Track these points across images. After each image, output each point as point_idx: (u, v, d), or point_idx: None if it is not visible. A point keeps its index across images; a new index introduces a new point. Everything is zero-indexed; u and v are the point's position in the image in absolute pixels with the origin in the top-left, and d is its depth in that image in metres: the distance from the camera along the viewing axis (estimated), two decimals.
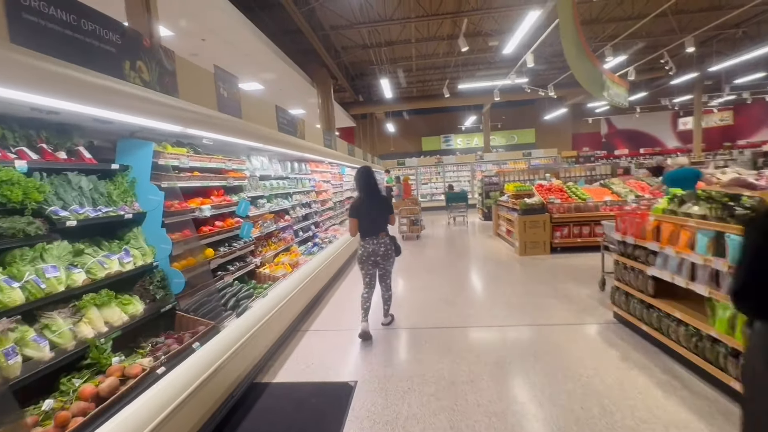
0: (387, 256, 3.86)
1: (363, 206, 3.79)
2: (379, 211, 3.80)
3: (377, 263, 3.88)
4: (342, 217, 8.85)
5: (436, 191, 17.61)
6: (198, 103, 2.67)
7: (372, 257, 3.83)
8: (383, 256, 3.84)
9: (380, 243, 3.81)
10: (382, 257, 3.84)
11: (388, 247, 3.85)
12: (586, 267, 5.92)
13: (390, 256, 3.90)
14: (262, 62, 8.97)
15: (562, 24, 6.63)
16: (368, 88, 18.31)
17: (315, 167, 7.01)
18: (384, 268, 3.95)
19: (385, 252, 3.83)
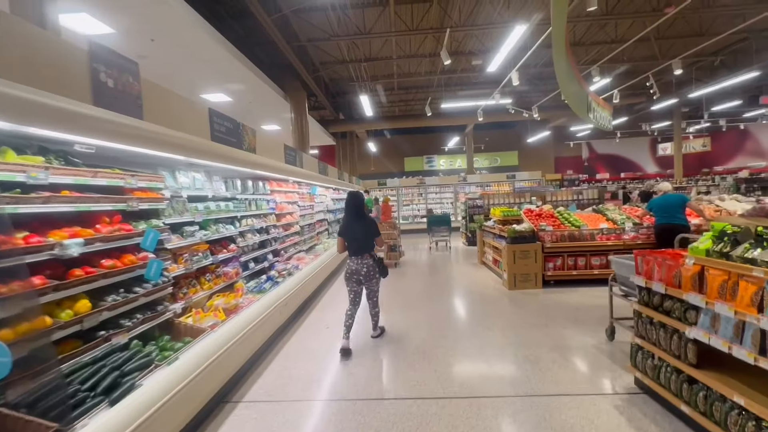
0: (369, 277, 4.08)
1: (348, 228, 4.12)
2: (364, 233, 4.08)
3: (360, 281, 4.13)
4: (311, 243, 7.90)
5: (418, 213, 16.88)
6: (52, 90, 1.78)
7: (355, 275, 4.10)
8: (365, 276, 4.07)
9: (363, 263, 4.05)
10: (365, 277, 4.08)
11: (370, 268, 4.07)
12: (585, 306, 5.14)
13: (372, 276, 4.11)
14: (227, 71, 8.16)
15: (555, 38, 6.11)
16: (349, 105, 17.73)
17: (277, 186, 6.12)
18: (368, 288, 4.21)
19: (367, 272, 4.06)
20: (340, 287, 7.07)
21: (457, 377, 3.29)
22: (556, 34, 6.05)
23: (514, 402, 2.88)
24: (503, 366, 3.47)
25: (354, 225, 4.09)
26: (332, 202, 10.46)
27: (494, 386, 3.12)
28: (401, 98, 17.94)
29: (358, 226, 4.08)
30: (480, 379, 3.25)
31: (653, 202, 6.04)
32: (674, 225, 5.75)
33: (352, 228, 4.09)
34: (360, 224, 4.09)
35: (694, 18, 11.55)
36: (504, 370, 3.40)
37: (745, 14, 11.25)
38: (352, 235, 4.08)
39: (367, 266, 4.04)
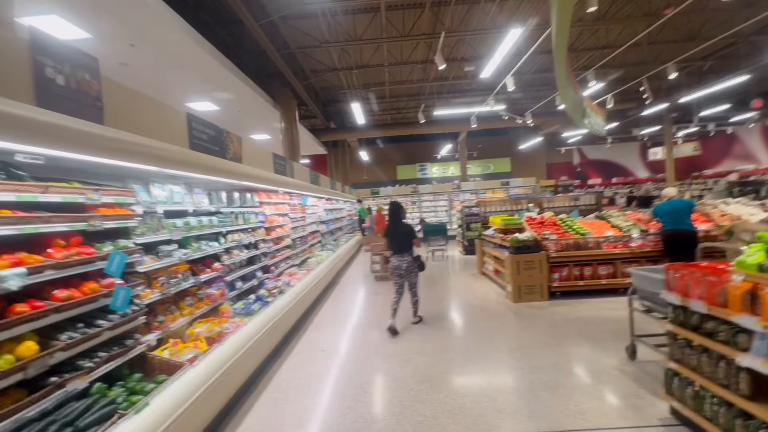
0: (409, 271, 4.92)
1: (390, 231, 5.03)
2: (403, 236, 4.97)
3: (402, 275, 4.93)
4: (303, 256, 7.51)
5: (413, 222, 16.57)
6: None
7: (397, 270, 4.92)
8: (406, 270, 4.90)
9: (403, 260, 4.89)
10: (405, 271, 4.90)
11: (410, 264, 4.91)
12: (597, 319, 4.83)
13: (412, 271, 4.94)
14: (214, 79, 7.82)
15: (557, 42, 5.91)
16: (340, 114, 17.48)
17: (267, 198, 5.76)
18: (409, 280, 4.99)
19: (407, 267, 4.89)
20: (335, 302, 6.68)
21: (470, 411, 2.93)
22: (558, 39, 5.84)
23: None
24: (520, 395, 3.12)
25: (395, 229, 5.00)
26: (325, 212, 10.10)
27: (512, 420, 2.77)
28: (393, 106, 17.77)
29: (398, 230, 4.99)
30: (495, 412, 2.90)
31: (659, 208, 5.82)
32: (682, 231, 5.52)
33: (394, 231, 4.99)
34: (400, 228, 4.99)
35: (684, 23, 11.58)
36: (521, 400, 3.05)
37: (733, 19, 11.35)
38: (394, 237, 4.97)
39: (407, 263, 4.88)
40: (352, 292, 7.62)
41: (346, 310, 6.21)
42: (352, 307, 6.41)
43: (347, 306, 6.52)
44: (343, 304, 6.68)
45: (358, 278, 8.97)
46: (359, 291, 7.63)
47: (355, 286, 8.08)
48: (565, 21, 5.55)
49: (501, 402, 3.02)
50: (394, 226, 5.03)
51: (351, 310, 6.25)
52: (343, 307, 6.47)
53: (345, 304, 6.68)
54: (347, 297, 7.19)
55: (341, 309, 6.32)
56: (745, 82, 13.83)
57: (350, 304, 6.62)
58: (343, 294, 7.42)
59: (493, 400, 3.06)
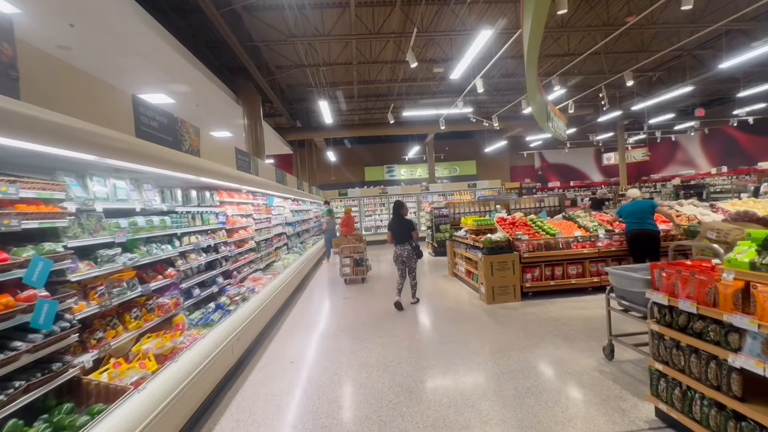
0: (409, 258, 5.85)
1: (393, 224, 5.98)
2: (404, 229, 5.89)
3: (404, 262, 5.87)
4: (269, 260, 7.08)
5: (381, 224, 16.39)
6: None
7: (399, 257, 5.88)
8: (407, 258, 5.84)
9: (404, 249, 5.84)
10: (406, 258, 5.84)
11: (410, 253, 5.84)
12: (570, 319, 4.84)
13: (411, 258, 5.86)
14: (169, 68, 7.21)
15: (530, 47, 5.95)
16: (307, 113, 17.01)
17: (228, 197, 5.32)
18: (409, 266, 5.90)
19: (407, 255, 5.83)
20: (303, 308, 6.32)
21: (454, 423, 2.74)
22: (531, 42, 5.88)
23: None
24: (505, 403, 2.98)
25: (397, 223, 5.96)
26: (291, 213, 9.66)
27: (500, 431, 2.60)
28: (361, 106, 17.54)
29: (400, 224, 5.93)
30: (481, 423, 2.72)
31: (623, 209, 5.98)
32: (645, 231, 5.69)
33: (396, 225, 5.95)
34: (401, 223, 5.94)
35: (637, 35, 12.28)
36: (507, 409, 2.90)
37: (680, 33, 12.18)
38: (396, 229, 5.92)
39: (407, 251, 5.85)
40: (321, 297, 7.27)
41: (315, 317, 5.87)
42: (321, 314, 6.08)
43: (316, 312, 6.18)
44: (312, 310, 6.33)
45: (327, 282, 8.63)
46: (328, 296, 7.30)
47: (324, 291, 7.73)
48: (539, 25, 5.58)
49: (486, 412, 2.85)
50: (397, 221, 5.97)
51: (320, 316, 5.92)
52: (312, 313, 6.12)
53: (314, 310, 6.33)
54: (316, 302, 6.84)
55: (310, 315, 5.97)
56: (689, 93, 14.94)
57: (319, 310, 6.29)
58: (311, 299, 7.06)
59: (478, 410, 2.88)
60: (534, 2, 5.11)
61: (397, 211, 6.03)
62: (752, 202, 7.12)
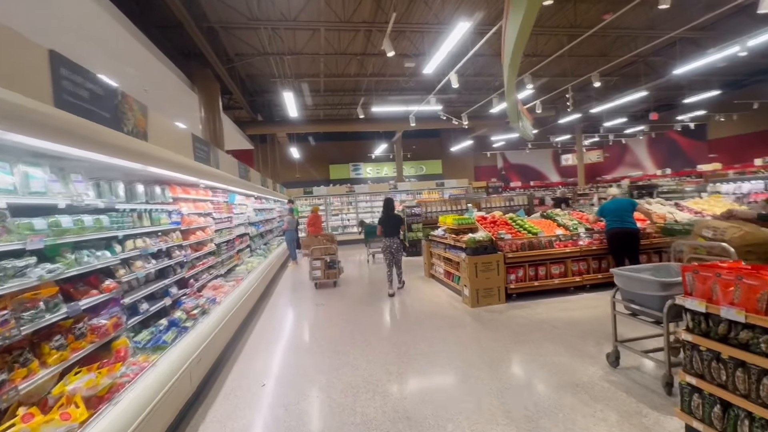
0: (397, 250, 6.64)
1: (384, 220, 6.59)
2: (393, 223, 6.60)
3: (392, 253, 6.59)
4: (230, 264, 6.34)
5: (349, 223, 15.84)
6: None
7: (388, 249, 6.57)
8: (395, 250, 6.60)
9: (393, 241, 6.55)
10: (395, 250, 6.60)
11: (398, 245, 6.62)
12: (561, 322, 4.63)
13: (398, 250, 6.66)
14: (110, 44, 6.24)
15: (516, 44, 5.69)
16: (269, 106, 16.06)
17: (184, 193, 4.59)
18: (396, 257, 6.67)
19: (396, 248, 6.60)
20: (270, 318, 5.68)
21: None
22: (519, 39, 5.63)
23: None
24: (519, 427, 2.62)
25: (387, 218, 6.54)
26: (254, 212, 8.88)
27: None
28: (327, 101, 16.85)
29: (390, 219, 6.54)
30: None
31: (605, 207, 5.92)
32: (626, 229, 5.65)
33: (386, 219, 6.54)
34: (391, 218, 6.56)
35: (598, 39, 12.68)
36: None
37: (638, 40, 12.74)
38: (386, 224, 6.52)
39: (396, 243, 6.55)
40: (291, 304, 6.65)
41: (286, 328, 5.27)
42: (292, 324, 5.48)
43: (287, 322, 5.57)
44: (282, 319, 5.71)
45: (296, 287, 7.98)
46: (299, 302, 6.69)
47: (294, 297, 7.10)
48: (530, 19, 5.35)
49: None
50: (387, 216, 6.58)
51: (292, 327, 5.33)
52: (282, 323, 5.51)
53: (283, 319, 5.72)
54: (285, 311, 6.21)
55: (280, 326, 5.36)
56: (640, 98, 15.76)
57: (290, 320, 5.68)
58: (279, 307, 6.42)
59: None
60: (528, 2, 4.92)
61: (388, 207, 6.67)
62: (713, 201, 7.41)
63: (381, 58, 12.55)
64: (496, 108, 13.32)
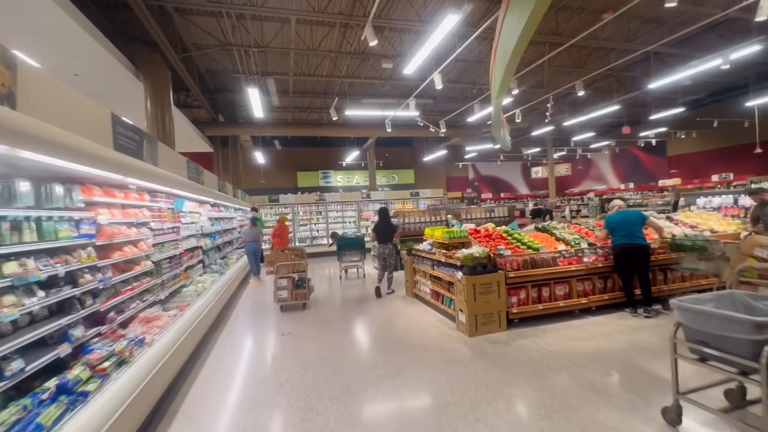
0: (390, 256, 7.09)
1: (380, 227, 7.17)
2: (389, 231, 7.14)
3: (385, 258, 7.09)
4: (175, 285, 5.14)
5: (318, 234, 14.72)
6: None
7: (382, 254, 7.08)
8: (388, 255, 7.07)
9: (386, 247, 7.06)
10: (388, 255, 7.07)
11: (391, 251, 7.08)
12: (579, 355, 3.89)
13: (392, 256, 7.10)
14: (32, 13, 4.97)
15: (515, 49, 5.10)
16: (231, 106, 14.76)
17: (105, 196, 3.44)
18: (389, 263, 7.12)
19: (389, 253, 7.07)
20: (223, 353, 4.53)
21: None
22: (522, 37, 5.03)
23: None
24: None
25: (383, 225, 7.11)
26: (209, 222, 7.65)
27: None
28: (296, 104, 15.79)
29: (385, 226, 7.10)
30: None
31: (612, 219, 5.35)
32: (636, 245, 5.08)
33: (382, 227, 7.10)
34: (386, 225, 7.13)
35: (576, 51, 12.63)
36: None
37: (611, 54, 12.82)
38: (382, 231, 7.07)
39: (389, 249, 7.02)
40: (249, 333, 5.52)
41: (241, 370, 4.17)
42: (250, 363, 4.39)
43: (242, 361, 4.46)
44: (236, 357, 4.58)
45: (257, 309, 6.83)
46: (259, 331, 5.57)
47: (253, 324, 5.96)
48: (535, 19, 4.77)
49: None
50: (384, 224, 7.12)
51: (248, 368, 4.24)
52: (236, 363, 4.39)
53: (238, 357, 4.60)
54: (241, 344, 5.08)
55: (233, 368, 4.25)
56: (607, 114, 16.00)
57: (247, 358, 4.58)
58: (234, 339, 5.27)
59: None
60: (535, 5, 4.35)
61: (384, 215, 7.27)
62: (705, 215, 7.13)
63: (356, 59, 11.76)
64: (476, 115, 12.88)
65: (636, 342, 4.21)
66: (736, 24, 10.89)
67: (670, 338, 2.61)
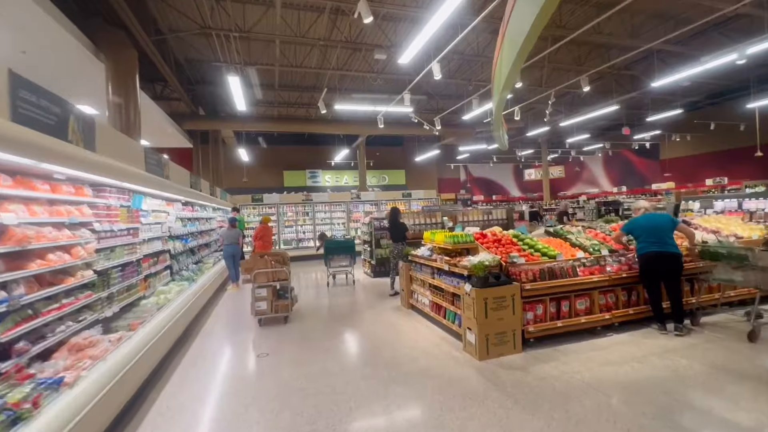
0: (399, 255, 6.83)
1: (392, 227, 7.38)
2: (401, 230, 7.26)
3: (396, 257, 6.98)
4: (129, 298, 4.30)
5: (305, 236, 13.89)
6: None
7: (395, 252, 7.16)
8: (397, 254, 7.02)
9: (396, 247, 7.16)
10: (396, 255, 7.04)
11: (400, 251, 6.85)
12: (615, 386, 3.22)
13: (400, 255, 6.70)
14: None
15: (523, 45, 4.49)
16: (212, 98, 13.85)
17: (20, 187, 2.63)
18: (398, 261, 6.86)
19: (397, 253, 7.00)
20: (187, 383, 3.71)
21: None
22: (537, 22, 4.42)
23: None
24: None
25: (395, 225, 7.34)
26: (180, 223, 6.78)
27: None
28: (283, 98, 14.95)
29: (396, 227, 7.32)
30: None
31: (636, 223, 4.73)
32: (668, 254, 4.44)
33: (393, 227, 7.37)
34: (398, 226, 7.33)
35: (577, 48, 12.15)
36: None
37: (611, 52, 12.37)
38: (395, 231, 7.30)
39: (398, 249, 7.05)
40: (220, 353, 4.70)
41: (206, 404, 3.37)
42: (217, 395, 3.58)
43: (209, 393, 3.65)
44: (201, 387, 3.77)
45: (233, 322, 6.00)
46: (232, 351, 4.76)
47: (226, 341, 5.14)
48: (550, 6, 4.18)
49: None
50: (395, 224, 7.29)
51: (216, 401, 3.43)
52: (201, 393, 3.58)
53: (205, 387, 3.78)
54: (209, 368, 4.26)
55: (196, 399, 3.44)
56: (606, 114, 15.59)
57: (215, 386, 3.77)
58: (202, 360, 4.45)
59: None
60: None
61: (395, 216, 7.45)
62: (725, 219, 6.59)
63: (347, 50, 11.02)
64: (472, 113, 12.26)
65: (676, 368, 3.56)
66: (741, 22, 10.53)
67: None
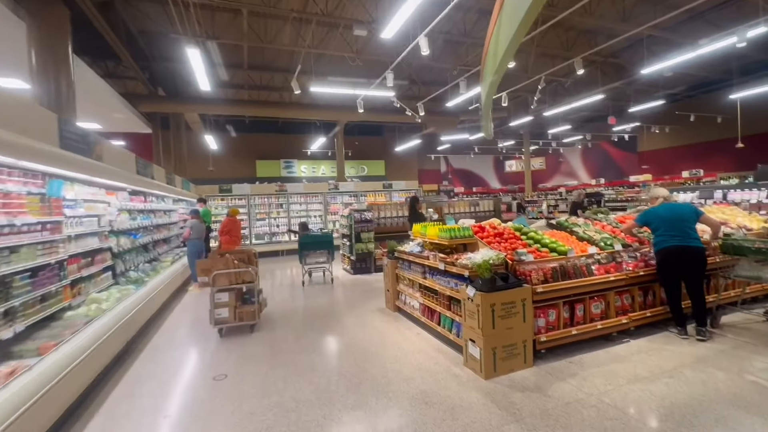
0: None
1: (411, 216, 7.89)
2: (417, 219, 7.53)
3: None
4: (48, 309, 3.35)
5: (278, 230, 12.92)
6: None
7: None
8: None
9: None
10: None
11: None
12: (651, 411, 2.63)
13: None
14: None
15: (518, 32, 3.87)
16: (173, 78, 12.54)
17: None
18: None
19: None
20: (118, 410, 2.84)
21: None
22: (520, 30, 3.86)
23: None
24: None
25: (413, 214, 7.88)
26: (127, 215, 5.76)
27: None
28: (254, 80, 13.79)
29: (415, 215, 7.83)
30: None
31: (653, 213, 4.17)
32: (690, 248, 3.91)
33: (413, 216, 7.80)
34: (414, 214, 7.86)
35: (564, 33, 11.68)
36: None
37: (598, 39, 11.97)
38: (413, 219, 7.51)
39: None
40: (165, 375, 3.83)
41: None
42: (169, 422, 2.74)
43: (147, 428, 2.81)
44: (136, 423, 2.92)
45: (188, 333, 5.10)
46: (184, 371, 3.90)
47: (177, 358, 4.26)
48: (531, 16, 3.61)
49: None
50: (414, 213, 7.91)
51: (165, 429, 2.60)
52: (147, 420, 2.74)
53: (139, 421, 2.93)
54: (150, 395, 3.39)
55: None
56: (587, 105, 15.33)
57: (159, 420, 2.92)
58: (141, 383, 3.57)
59: None
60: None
61: (414, 205, 7.91)
62: (729, 210, 6.22)
63: (324, 26, 10.09)
64: (457, 99, 11.59)
65: (716, 385, 3.02)
66: (729, 9, 10.31)
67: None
